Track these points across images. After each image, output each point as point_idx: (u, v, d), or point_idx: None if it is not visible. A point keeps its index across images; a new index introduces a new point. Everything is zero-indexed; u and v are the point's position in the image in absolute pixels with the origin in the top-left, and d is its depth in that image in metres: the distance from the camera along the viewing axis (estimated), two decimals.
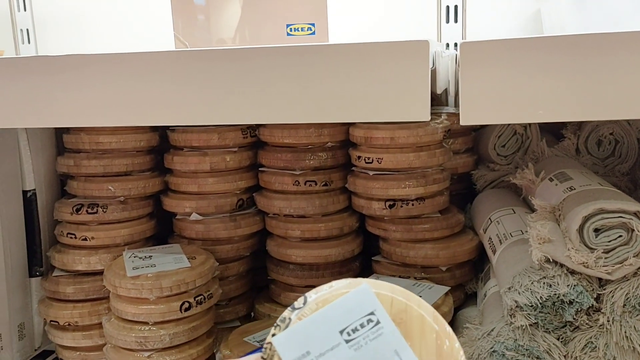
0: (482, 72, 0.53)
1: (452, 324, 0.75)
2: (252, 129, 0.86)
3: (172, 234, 0.89)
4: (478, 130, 0.93)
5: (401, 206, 0.79)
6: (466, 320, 0.70)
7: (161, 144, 0.89)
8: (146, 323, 0.72)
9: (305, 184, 0.82)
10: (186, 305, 0.73)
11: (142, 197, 0.85)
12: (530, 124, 0.86)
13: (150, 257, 0.78)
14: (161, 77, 0.60)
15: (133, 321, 0.72)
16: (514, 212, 0.75)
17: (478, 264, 0.83)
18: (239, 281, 0.87)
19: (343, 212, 0.85)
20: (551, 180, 0.71)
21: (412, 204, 0.79)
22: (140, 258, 0.78)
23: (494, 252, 0.70)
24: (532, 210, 0.69)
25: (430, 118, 0.56)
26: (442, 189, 0.81)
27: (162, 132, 0.89)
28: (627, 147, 0.81)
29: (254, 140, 0.86)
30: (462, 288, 0.82)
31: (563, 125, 0.89)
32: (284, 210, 0.83)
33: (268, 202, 0.84)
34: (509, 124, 0.86)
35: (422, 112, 0.56)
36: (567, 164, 0.74)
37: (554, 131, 0.92)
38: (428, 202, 0.79)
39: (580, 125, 0.84)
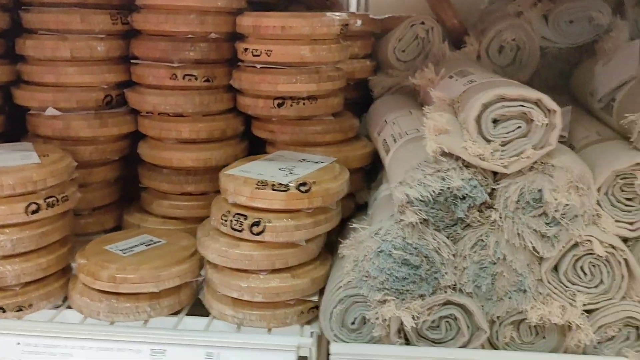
0: None
1: (341, 233, 0.70)
2: (123, 15, 0.74)
3: (25, 132, 0.76)
4: (379, 38, 0.87)
5: (291, 105, 0.71)
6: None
7: (14, 28, 0.75)
8: None
9: (184, 78, 0.72)
10: (33, 207, 0.62)
11: None
12: (432, 28, 0.81)
13: None
14: None
15: None
16: (411, 114, 0.70)
17: (372, 174, 0.78)
18: (105, 189, 0.77)
19: (227, 113, 0.76)
20: (451, 77, 0.66)
21: (304, 103, 0.71)
22: None
23: (387, 152, 0.65)
24: None
25: None
26: (337, 89, 0.74)
27: (15, 13, 0.75)
28: (528, 53, 0.78)
29: (126, 28, 0.75)
30: (352, 197, 0.76)
31: (465, 34, 0.84)
32: (158, 108, 0.73)
33: (140, 98, 0.74)
34: (412, 25, 0.80)
35: None
36: (468, 63, 0.70)
37: (455, 43, 0.88)
38: (321, 102, 0.72)
39: (483, 30, 0.80)
